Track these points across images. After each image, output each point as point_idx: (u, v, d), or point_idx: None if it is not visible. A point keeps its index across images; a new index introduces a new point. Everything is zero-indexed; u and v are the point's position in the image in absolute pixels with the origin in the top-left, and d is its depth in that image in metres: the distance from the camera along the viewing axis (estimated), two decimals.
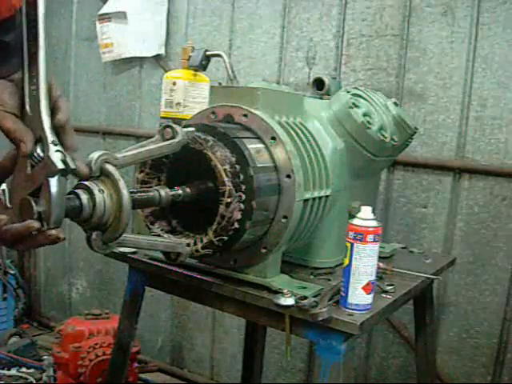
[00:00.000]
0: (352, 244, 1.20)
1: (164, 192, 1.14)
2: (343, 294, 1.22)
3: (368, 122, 1.51)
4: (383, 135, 1.54)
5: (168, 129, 1.11)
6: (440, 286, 2.20)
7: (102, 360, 2.38)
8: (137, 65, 2.94)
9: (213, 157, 1.15)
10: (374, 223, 1.21)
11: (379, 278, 1.42)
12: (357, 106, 1.52)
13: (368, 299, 1.21)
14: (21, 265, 3.60)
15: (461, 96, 2.13)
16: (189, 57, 1.85)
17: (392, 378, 2.36)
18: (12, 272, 3.41)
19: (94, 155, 0.92)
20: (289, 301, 1.20)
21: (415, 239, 2.25)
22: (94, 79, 3.15)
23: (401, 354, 2.34)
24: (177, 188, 1.18)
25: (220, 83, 2.22)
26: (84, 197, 0.90)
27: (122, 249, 1.52)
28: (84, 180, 0.92)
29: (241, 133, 1.26)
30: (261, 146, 1.27)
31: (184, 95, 1.83)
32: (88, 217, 0.91)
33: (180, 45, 2.58)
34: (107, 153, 0.94)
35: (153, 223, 1.26)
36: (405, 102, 2.23)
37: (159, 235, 1.23)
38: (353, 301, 1.20)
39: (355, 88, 1.62)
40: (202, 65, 1.84)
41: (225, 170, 1.14)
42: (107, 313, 2.65)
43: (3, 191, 0.83)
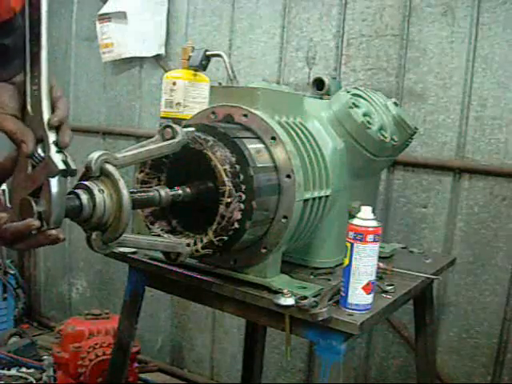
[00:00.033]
0: (352, 244, 1.20)
1: (164, 192, 1.14)
2: (343, 294, 1.22)
3: (368, 122, 1.51)
4: (383, 135, 1.54)
5: (168, 129, 1.11)
6: (440, 286, 2.20)
7: (102, 360, 2.38)
8: (137, 65, 2.94)
9: (213, 157, 1.15)
10: (374, 223, 1.21)
11: (379, 278, 1.42)
12: (357, 106, 1.52)
13: (368, 299, 1.21)
14: (21, 265, 3.60)
15: (461, 96, 2.13)
16: (189, 57, 1.85)
17: (392, 378, 2.36)
18: (12, 272, 3.41)
19: (94, 155, 0.92)
20: (289, 301, 1.20)
21: (415, 239, 2.25)
22: (94, 79, 3.15)
23: (401, 354, 2.34)
24: (177, 188, 1.18)
25: (220, 83, 2.22)
26: (84, 197, 0.90)
27: (122, 249, 1.52)
28: (84, 180, 0.92)
29: (241, 133, 1.26)
30: (261, 146, 1.27)
31: (184, 95, 1.83)
32: (88, 217, 0.91)
33: (180, 45, 2.58)
34: (107, 153, 0.94)
35: (153, 223, 1.26)
36: (405, 102, 2.23)
37: (159, 235, 1.23)
38: (353, 301, 1.20)
39: (355, 88, 1.62)
40: (202, 65, 1.84)
41: (225, 170, 1.14)
42: (107, 313, 2.65)
43: (3, 191, 0.83)
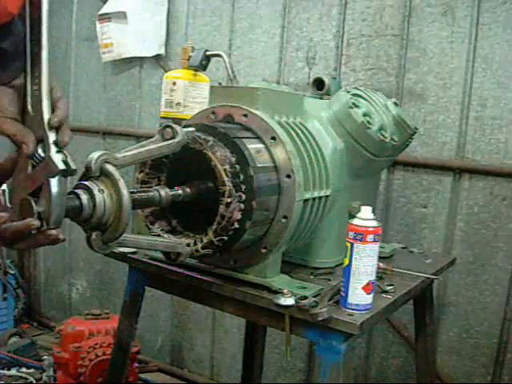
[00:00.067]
0: (352, 244, 1.20)
1: (164, 192, 1.14)
2: (343, 294, 1.22)
3: (368, 122, 1.51)
4: (383, 135, 1.54)
5: (168, 129, 1.11)
6: (440, 286, 2.20)
7: (102, 360, 2.38)
8: (137, 65, 2.93)
9: (213, 157, 1.15)
10: (374, 223, 1.21)
11: (379, 278, 1.42)
12: (357, 106, 1.52)
13: (368, 299, 1.21)
14: (21, 265, 3.60)
15: (461, 96, 2.13)
16: (189, 57, 1.85)
17: (392, 378, 2.36)
18: (12, 272, 3.41)
19: (94, 155, 0.92)
20: (289, 301, 1.20)
21: (415, 239, 2.25)
22: (94, 79, 3.15)
23: (401, 354, 2.34)
24: (177, 188, 1.18)
25: (220, 83, 2.22)
26: (84, 197, 0.90)
27: (122, 249, 1.52)
28: (84, 180, 0.92)
29: (241, 133, 1.26)
30: (261, 146, 1.27)
31: (184, 95, 1.83)
32: (88, 217, 0.91)
33: (180, 45, 2.58)
34: (107, 153, 0.94)
35: (153, 223, 1.26)
36: (405, 102, 2.23)
37: (159, 235, 1.23)
38: (353, 301, 1.20)
39: (355, 88, 1.62)
40: (202, 65, 1.84)
41: (225, 170, 1.14)
42: (107, 313, 2.65)
43: (3, 191, 0.83)
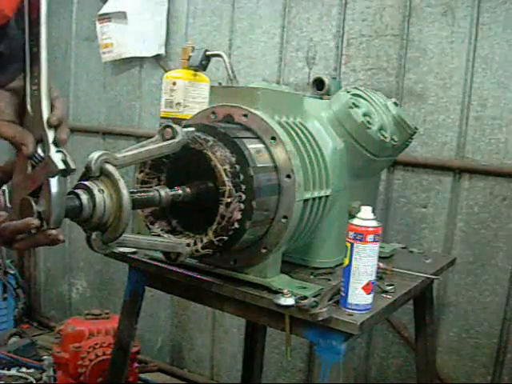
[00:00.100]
0: (352, 244, 1.20)
1: (164, 192, 1.14)
2: (343, 294, 1.22)
3: (368, 122, 1.51)
4: (383, 135, 1.54)
5: (168, 129, 1.11)
6: (440, 286, 2.20)
7: (102, 360, 2.38)
8: (137, 65, 2.93)
9: (213, 157, 1.15)
10: (374, 223, 1.21)
11: (379, 278, 1.42)
12: (357, 106, 1.52)
13: (368, 299, 1.21)
14: (21, 265, 3.60)
15: (461, 96, 2.13)
16: (189, 57, 1.85)
17: (392, 378, 2.36)
18: (12, 272, 3.41)
19: (94, 155, 0.92)
20: (289, 301, 1.20)
21: (415, 239, 2.25)
22: (94, 79, 3.15)
23: (401, 354, 2.34)
24: (177, 188, 1.18)
25: (220, 83, 2.22)
26: (84, 197, 0.90)
27: (122, 249, 1.52)
28: (84, 180, 0.92)
29: (241, 133, 1.26)
30: (261, 146, 1.27)
31: (184, 95, 1.83)
32: (88, 217, 0.91)
33: (180, 45, 2.58)
34: (107, 153, 0.94)
35: (153, 223, 1.26)
36: (405, 102, 2.23)
37: (159, 235, 1.23)
38: (353, 301, 1.20)
39: (355, 88, 1.62)
40: (202, 65, 1.84)
41: (225, 170, 1.14)
42: (107, 313, 2.65)
43: (3, 191, 0.83)
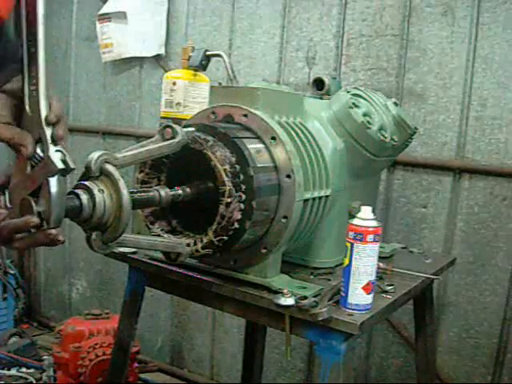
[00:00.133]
0: (352, 244, 1.20)
1: (164, 192, 1.14)
2: (343, 294, 1.22)
3: (368, 122, 1.51)
4: (383, 135, 1.54)
5: (168, 129, 1.11)
6: (440, 286, 2.20)
7: (102, 360, 2.38)
8: (137, 65, 2.93)
9: (213, 157, 1.15)
10: (374, 223, 1.21)
11: (379, 278, 1.42)
12: (357, 106, 1.52)
13: (368, 299, 1.21)
14: (21, 265, 3.60)
15: (461, 96, 2.13)
16: (189, 57, 1.85)
17: (392, 378, 2.36)
18: (12, 272, 3.41)
19: (94, 155, 0.92)
20: (289, 301, 1.20)
21: (415, 239, 2.25)
22: (94, 79, 3.15)
23: (401, 354, 2.34)
24: (177, 188, 1.18)
25: (220, 83, 2.22)
26: (84, 197, 0.90)
27: (122, 249, 1.52)
28: (84, 180, 0.92)
29: (241, 133, 1.26)
30: (261, 146, 1.27)
31: (184, 95, 1.83)
32: (88, 217, 0.91)
33: (180, 45, 2.58)
34: (107, 153, 0.94)
35: (153, 223, 1.26)
36: (405, 102, 2.23)
37: (159, 235, 1.23)
38: (353, 301, 1.20)
39: (355, 88, 1.62)
40: (202, 65, 1.84)
41: (225, 170, 1.14)
42: (107, 313, 2.65)
43: (3, 192, 0.83)
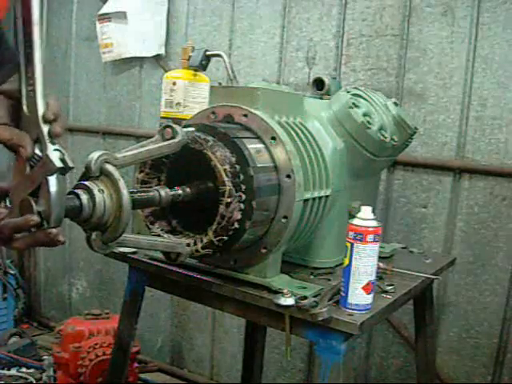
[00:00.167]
0: (352, 244, 1.20)
1: (164, 192, 1.14)
2: (343, 294, 1.22)
3: (368, 122, 1.51)
4: (383, 135, 1.54)
5: (168, 129, 1.11)
6: (440, 286, 2.20)
7: (102, 360, 2.38)
8: (137, 65, 2.93)
9: (213, 157, 1.15)
10: (374, 223, 1.21)
11: (379, 278, 1.42)
12: (357, 106, 1.52)
13: (368, 299, 1.21)
14: (21, 265, 3.60)
15: (461, 96, 2.13)
16: (189, 57, 1.85)
17: (392, 378, 2.36)
18: (12, 272, 3.41)
19: (94, 155, 0.92)
20: (289, 301, 1.20)
21: (415, 239, 2.25)
22: (94, 79, 3.15)
23: (401, 354, 2.34)
24: (177, 188, 1.18)
25: (220, 83, 2.22)
26: (84, 197, 0.90)
27: (122, 249, 1.52)
28: (84, 180, 0.92)
29: (241, 133, 1.26)
30: (261, 146, 1.27)
31: (184, 95, 1.83)
32: (88, 217, 0.91)
33: (180, 45, 2.58)
34: (107, 153, 0.94)
35: (153, 223, 1.26)
36: (405, 102, 2.23)
37: (159, 235, 1.23)
38: (353, 301, 1.20)
39: (355, 88, 1.62)
40: (202, 65, 1.84)
41: (225, 170, 1.14)
42: (107, 313, 2.65)
43: (4, 200, 0.83)
